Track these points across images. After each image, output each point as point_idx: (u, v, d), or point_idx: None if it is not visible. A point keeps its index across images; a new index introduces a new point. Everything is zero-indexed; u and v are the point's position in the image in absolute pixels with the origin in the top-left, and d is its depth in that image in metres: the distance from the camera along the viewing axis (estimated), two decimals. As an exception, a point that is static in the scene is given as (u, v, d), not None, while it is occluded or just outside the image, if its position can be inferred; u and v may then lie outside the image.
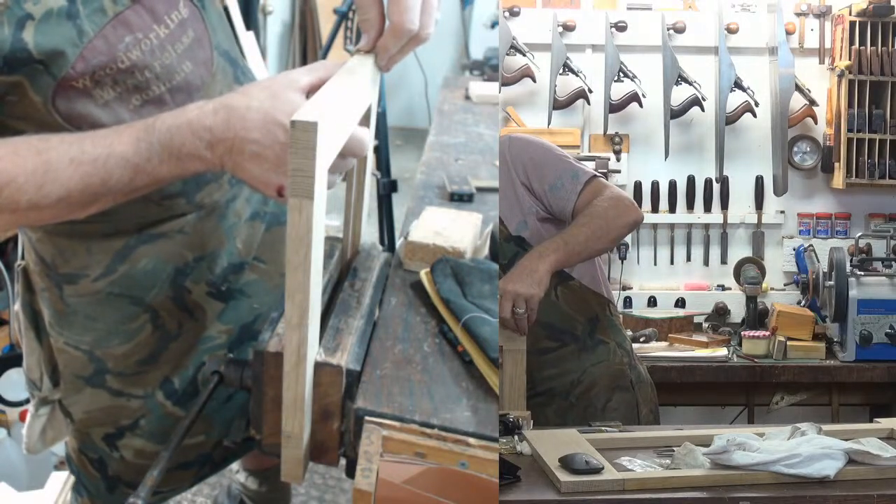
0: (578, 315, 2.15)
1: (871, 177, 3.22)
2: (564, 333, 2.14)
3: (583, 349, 2.16)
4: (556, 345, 2.14)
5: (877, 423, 1.97)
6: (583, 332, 2.16)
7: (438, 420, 1.09)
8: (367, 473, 1.03)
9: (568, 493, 1.57)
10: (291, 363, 1.08)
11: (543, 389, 2.13)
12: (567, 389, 2.13)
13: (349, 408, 1.12)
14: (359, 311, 1.30)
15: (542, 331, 2.10)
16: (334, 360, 1.13)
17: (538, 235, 2.09)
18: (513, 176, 2.12)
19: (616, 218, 2.06)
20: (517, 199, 2.12)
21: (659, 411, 2.28)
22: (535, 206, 2.12)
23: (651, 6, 3.37)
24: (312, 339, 1.09)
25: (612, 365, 2.18)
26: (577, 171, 2.11)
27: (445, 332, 1.29)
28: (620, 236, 2.14)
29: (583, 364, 2.15)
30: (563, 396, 2.12)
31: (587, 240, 2.02)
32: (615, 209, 2.06)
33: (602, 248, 2.11)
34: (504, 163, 2.14)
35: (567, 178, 2.10)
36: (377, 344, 1.25)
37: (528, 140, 2.20)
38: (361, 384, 1.14)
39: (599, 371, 2.15)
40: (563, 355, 2.15)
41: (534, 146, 2.16)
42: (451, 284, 1.38)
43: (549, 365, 2.14)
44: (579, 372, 2.14)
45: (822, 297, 3.09)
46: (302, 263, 1.03)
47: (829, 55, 3.32)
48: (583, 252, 2.04)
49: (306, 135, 0.98)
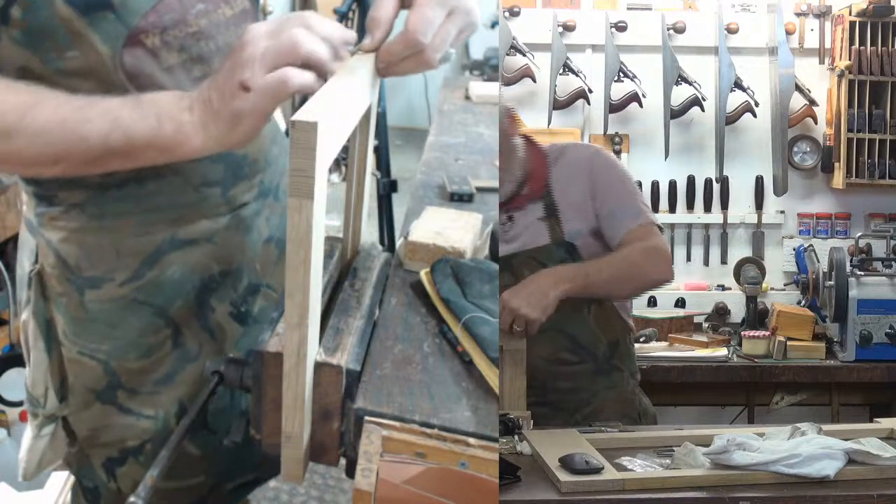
0: (603, 336, 2.15)
1: (871, 177, 3.23)
2: (586, 351, 2.13)
3: (598, 371, 2.15)
4: (576, 360, 2.13)
5: (877, 423, 1.98)
6: (602, 354, 2.15)
7: (438, 420, 1.09)
8: (367, 473, 1.03)
9: (568, 493, 1.57)
10: (291, 363, 1.08)
11: (552, 400, 2.11)
12: (575, 407, 2.12)
13: (349, 408, 1.12)
14: (359, 311, 1.30)
15: (566, 342, 2.10)
16: (334, 360, 1.13)
17: (588, 248, 2.11)
18: (589, 186, 2.13)
19: (645, 270, 2.08)
20: (583, 207, 2.14)
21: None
22: (593, 222, 2.13)
23: (651, 6, 3.37)
24: (312, 339, 1.09)
25: (623, 393, 2.17)
26: (639, 210, 2.13)
27: (445, 332, 1.29)
28: (642, 289, 2.16)
29: (596, 386, 2.14)
30: (569, 412, 2.10)
31: (608, 281, 2.04)
32: (649, 261, 2.07)
33: (621, 294, 2.13)
34: (586, 171, 2.15)
35: (627, 212, 2.12)
36: (377, 344, 1.25)
37: (614, 162, 2.22)
38: (361, 384, 1.14)
39: (611, 396, 2.15)
40: (580, 372, 2.13)
41: (616, 170, 2.19)
42: (451, 284, 1.38)
43: (564, 378, 2.12)
44: (591, 393, 2.13)
45: (822, 297, 3.10)
46: (302, 263, 1.03)
47: (829, 55, 3.33)
48: (599, 291, 2.05)
49: (306, 135, 0.98)
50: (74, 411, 1.49)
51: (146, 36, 1.28)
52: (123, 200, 1.39)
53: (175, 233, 1.43)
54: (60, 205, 1.40)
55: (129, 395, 1.46)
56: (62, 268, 1.43)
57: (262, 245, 1.54)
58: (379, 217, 4.23)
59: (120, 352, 1.45)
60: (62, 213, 1.41)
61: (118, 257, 1.42)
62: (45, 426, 1.51)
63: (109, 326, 1.44)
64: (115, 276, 1.42)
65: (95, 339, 1.44)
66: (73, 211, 1.40)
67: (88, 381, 1.47)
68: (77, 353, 1.46)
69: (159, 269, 1.43)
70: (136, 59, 1.28)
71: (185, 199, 1.42)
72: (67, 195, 1.39)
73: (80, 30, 1.23)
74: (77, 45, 1.25)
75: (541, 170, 2.19)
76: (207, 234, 1.45)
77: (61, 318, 1.45)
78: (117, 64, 1.27)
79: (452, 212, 1.69)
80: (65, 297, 1.44)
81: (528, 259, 2.12)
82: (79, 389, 1.48)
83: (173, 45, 1.31)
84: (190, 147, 1.20)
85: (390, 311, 1.36)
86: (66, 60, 1.26)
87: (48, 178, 1.38)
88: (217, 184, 1.44)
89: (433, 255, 1.48)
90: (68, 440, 1.52)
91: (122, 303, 1.43)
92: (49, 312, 1.46)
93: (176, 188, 1.40)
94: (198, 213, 1.44)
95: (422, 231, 1.55)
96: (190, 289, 1.46)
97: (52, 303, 1.46)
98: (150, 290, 1.43)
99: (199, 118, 1.18)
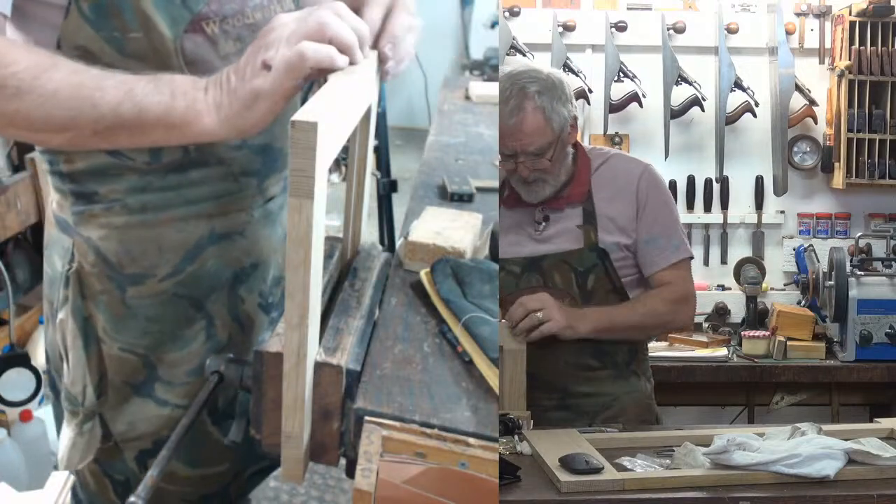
0: (623, 342, 2.15)
1: (871, 177, 3.22)
2: (607, 357, 2.14)
3: (618, 377, 2.15)
4: (598, 365, 2.13)
5: (877, 423, 1.98)
6: (622, 360, 2.16)
7: (438, 420, 1.09)
8: (367, 473, 1.03)
9: (568, 493, 1.57)
10: (291, 363, 1.08)
11: (572, 404, 2.12)
12: (596, 411, 2.12)
13: (349, 408, 1.12)
14: (359, 311, 1.30)
15: (590, 347, 2.10)
16: (334, 360, 1.13)
17: (619, 259, 2.11)
18: (636, 205, 2.12)
19: (667, 321, 2.15)
20: (625, 223, 2.12)
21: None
22: (631, 239, 2.13)
23: (651, 6, 3.37)
24: (312, 339, 1.09)
25: (642, 398, 2.18)
26: (681, 242, 2.14)
27: (445, 332, 1.29)
28: (658, 334, 2.24)
29: (617, 390, 2.14)
30: (589, 416, 2.10)
31: (630, 328, 2.10)
32: (674, 312, 2.12)
33: (638, 337, 2.19)
34: (633, 188, 2.13)
35: (669, 242, 2.12)
36: (377, 344, 1.25)
37: (663, 184, 2.21)
38: (361, 384, 1.14)
39: (630, 401, 2.15)
40: (601, 377, 2.14)
41: (665, 193, 2.18)
42: (451, 284, 1.38)
43: (585, 382, 2.12)
44: (611, 397, 2.13)
45: (822, 297, 3.09)
46: (302, 263, 1.03)
47: (829, 55, 3.32)
48: (618, 335, 2.10)
49: (306, 135, 0.98)
50: (113, 406, 1.50)
51: (207, 23, 1.31)
52: (165, 191, 1.41)
53: (213, 227, 1.46)
54: (101, 201, 1.41)
55: (165, 387, 1.48)
56: (103, 266, 1.44)
57: (284, 238, 1.57)
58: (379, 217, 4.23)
59: (159, 345, 1.47)
60: (103, 210, 1.41)
61: (160, 253, 1.44)
62: (86, 422, 1.51)
63: (149, 321, 1.46)
64: (157, 272, 1.44)
65: (136, 333, 1.46)
66: (114, 207, 1.41)
67: (128, 376, 1.48)
68: (118, 350, 1.47)
69: (198, 264, 1.46)
70: (195, 45, 1.31)
71: (226, 188, 1.45)
72: (108, 191, 1.40)
73: (146, 10, 1.26)
74: (142, 25, 1.27)
75: (584, 175, 2.16)
76: (240, 227, 1.49)
77: (101, 315, 1.46)
78: (178, 48, 1.29)
79: (452, 212, 1.69)
80: (105, 295, 1.45)
81: (559, 262, 2.10)
82: (118, 385, 1.49)
83: (231, 34, 1.35)
84: (201, 126, 1.19)
85: (390, 311, 1.36)
86: (129, 41, 1.27)
87: (87, 175, 1.39)
88: (255, 174, 1.48)
89: (433, 255, 1.48)
90: (102, 436, 1.52)
91: (162, 297, 1.46)
92: (88, 311, 1.47)
93: (218, 177, 1.43)
94: (234, 205, 1.47)
95: (422, 231, 1.55)
96: (224, 281, 1.49)
97: (90, 301, 1.46)
98: (188, 284, 1.46)
99: (213, 98, 1.19)
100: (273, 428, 1.14)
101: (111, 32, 1.27)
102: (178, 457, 1.47)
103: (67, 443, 1.54)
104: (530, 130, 2.03)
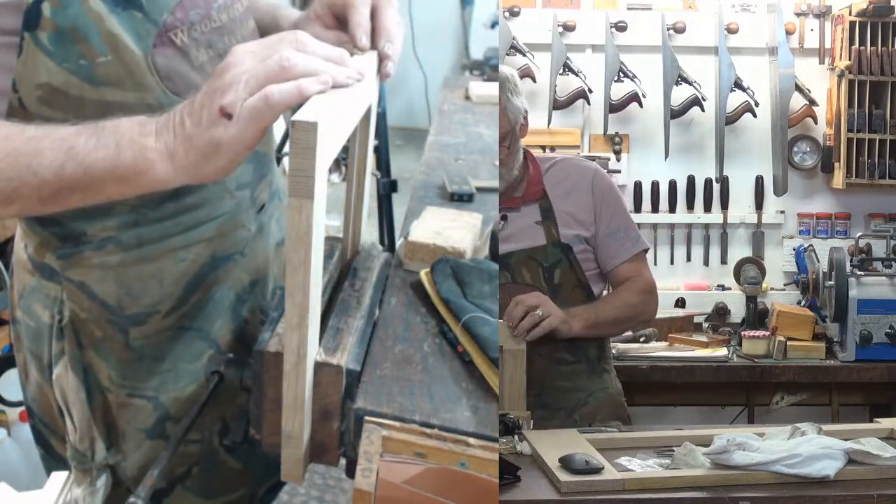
0: (592, 338, 2.20)
1: (871, 177, 3.22)
2: (580, 351, 2.19)
3: (592, 372, 2.21)
4: (573, 359, 2.18)
5: (877, 423, 1.98)
6: (593, 356, 2.22)
7: (438, 420, 1.09)
8: (367, 473, 1.03)
9: (568, 493, 1.57)
10: (291, 363, 1.08)
11: (550, 402, 2.14)
12: (573, 406, 2.16)
13: (349, 408, 1.12)
14: (359, 311, 1.30)
15: (564, 342, 2.13)
16: (334, 360, 1.13)
17: (581, 253, 2.19)
18: (593, 201, 2.22)
19: (640, 312, 2.25)
20: (584, 218, 2.21)
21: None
22: (590, 233, 2.21)
23: (651, 6, 3.37)
24: (312, 339, 1.09)
25: (614, 395, 2.24)
26: (638, 236, 2.26)
27: (445, 332, 1.29)
28: (632, 328, 2.50)
29: (592, 386, 2.19)
30: (567, 412, 2.15)
31: (611, 323, 2.20)
32: (644, 302, 2.23)
33: (616, 332, 2.39)
34: (588, 185, 2.24)
35: (628, 235, 2.23)
36: (377, 344, 1.25)
37: (614, 183, 2.34)
38: (361, 384, 1.14)
39: (604, 396, 2.21)
40: (577, 372, 2.19)
41: (617, 192, 2.31)
42: (451, 284, 1.38)
43: (562, 377, 2.17)
44: (587, 392, 2.18)
45: (822, 297, 3.09)
46: (302, 263, 1.03)
47: (829, 55, 3.32)
48: (603, 331, 2.20)
49: (306, 135, 0.98)
50: (126, 456, 1.42)
51: (175, 34, 1.24)
52: (162, 221, 1.33)
53: (214, 250, 1.39)
54: (90, 242, 1.32)
55: (175, 424, 1.39)
56: (101, 310, 1.35)
57: (275, 248, 1.54)
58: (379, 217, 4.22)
59: (168, 384, 1.40)
60: (94, 251, 1.32)
61: (162, 287, 1.36)
62: (98, 478, 1.43)
63: (155, 361, 1.39)
64: (161, 308, 1.37)
65: (143, 377, 1.39)
66: (107, 246, 1.32)
67: (140, 423, 1.40)
68: (126, 396, 1.39)
69: (202, 292, 1.40)
70: (167, 59, 1.23)
71: (224, 206, 1.39)
72: (98, 230, 1.31)
73: (112, 29, 1.17)
74: (111, 47, 1.18)
75: (537, 175, 2.25)
76: (240, 247, 1.43)
77: (104, 363, 1.38)
78: (151, 65, 1.21)
79: (452, 212, 1.69)
80: (107, 341, 1.37)
81: (525, 258, 2.17)
82: (131, 433, 1.41)
83: (201, 41, 1.28)
84: (154, 175, 1.09)
85: (390, 311, 1.36)
86: (98, 67, 1.18)
87: (70, 216, 1.28)
88: (248, 185, 1.43)
89: (433, 255, 1.48)
90: (112, 484, 1.45)
91: (167, 334, 1.38)
92: (87, 360, 1.38)
93: (214, 196, 1.36)
94: (233, 224, 1.41)
95: (422, 231, 1.55)
96: (227, 305, 1.43)
97: (89, 350, 1.38)
98: (193, 315, 1.39)
99: (166, 145, 1.08)
100: (273, 428, 1.14)
101: (77, 62, 1.17)
102: (193, 489, 1.44)
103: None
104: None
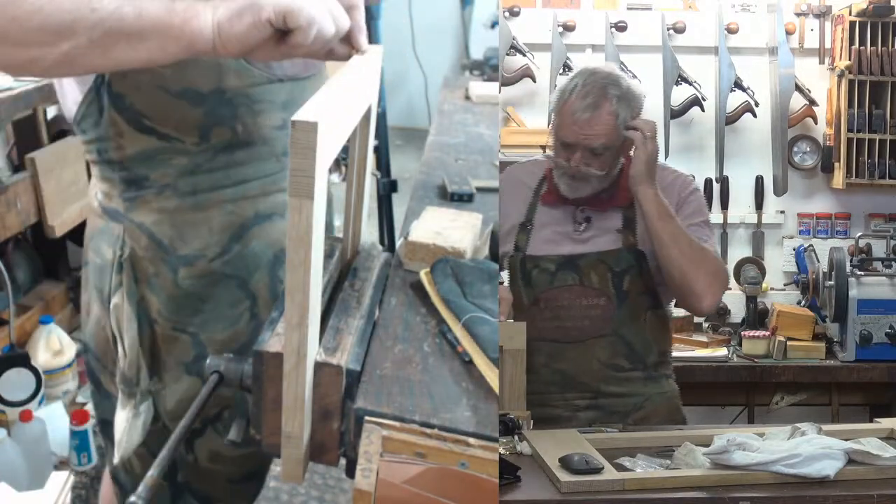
0: (655, 345, 2.17)
1: (871, 177, 3.22)
2: (638, 358, 2.15)
3: (648, 378, 2.16)
4: (630, 366, 2.14)
5: (877, 423, 1.98)
6: (651, 362, 2.17)
7: (438, 420, 1.09)
8: (367, 473, 1.03)
9: (568, 493, 1.57)
10: (291, 363, 1.08)
11: (604, 404, 2.12)
12: (628, 411, 2.13)
13: (349, 408, 1.12)
14: (359, 311, 1.30)
15: (624, 349, 2.11)
16: (334, 360, 1.13)
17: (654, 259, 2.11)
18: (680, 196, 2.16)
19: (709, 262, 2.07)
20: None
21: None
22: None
23: (651, 6, 3.37)
24: (312, 339, 1.09)
25: (671, 399, 2.20)
26: (712, 235, 2.18)
27: (445, 332, 1.29)
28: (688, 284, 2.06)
29: (648, 391, 2.15)
30: (620, 416, 2.11)
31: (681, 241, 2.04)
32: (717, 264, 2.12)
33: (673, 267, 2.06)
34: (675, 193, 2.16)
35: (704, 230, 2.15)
36: (377, 344, 1.25)
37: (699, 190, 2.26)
38: (361, 384, 1.14)
39: (661, 401, 2.17)
40: (632, 378, 2.15)
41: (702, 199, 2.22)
42: (451, 284, 1.38)
43: (616, 382, 2.13)
44: (643, 398, 2.15)
45: (822, 297, 3.09)
46: (302, 263, 1.03)
47: (829, 55, 3.32)
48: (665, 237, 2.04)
49: (306, 135, 0.98)
50: (166, 386, 1.54)
51: None
52: (214, 173, 1.46)
53: (258, 208, 1.51)
54: (152, 186, 1.46)
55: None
56: (156, 249, 1.49)
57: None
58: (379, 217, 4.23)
59: (209, 325, 1.52)
60: (155, 195, 1.46)
61: (210, 234, 1.49)
62: (142, 403, 1.55)
63: (200, 301, 1.51)
64: (207, 253, 1.49)
65: (188, 313, 1.51)
66: (165, 191, 1.46)
67: (180, 356, 1.53)
68: (171, 330, 1.52)
69: (244, 244, 1.51)
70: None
71: (269, 168, 1.51)
72: (159, 175, 1.45)
73: None
74: None
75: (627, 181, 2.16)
76: (281, 209, 1.53)
77: (155, 297, 1.51)
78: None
79: (452, 212, 1.69)
80: (158, 277, 1.50)
81: (596, 262, 2.12)
82: (172, 365, 1.54)
83: None
84: (198, 24, 1.17)
85: (390, 311, 1.36)
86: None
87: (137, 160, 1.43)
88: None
89: (433, 255, 1.48)
90: (152, 418, 1.56)
91: (211, 278, 1.50)
92: (141, 293, 1.52)
93: (263, 157, 1.49)
94: (276, 186, 1.53)
95: (422, 231, 1.55)
96: (266, 262, 1.54)
97: (143, 284, 1.51)
98: (235, 264, 1.51)
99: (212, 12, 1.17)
100: (273, 428, 1.14)
101: None
102: (223, 431, 1.54)
103: (125, 425, 1.58)
104: (600, 129, 2.07)
